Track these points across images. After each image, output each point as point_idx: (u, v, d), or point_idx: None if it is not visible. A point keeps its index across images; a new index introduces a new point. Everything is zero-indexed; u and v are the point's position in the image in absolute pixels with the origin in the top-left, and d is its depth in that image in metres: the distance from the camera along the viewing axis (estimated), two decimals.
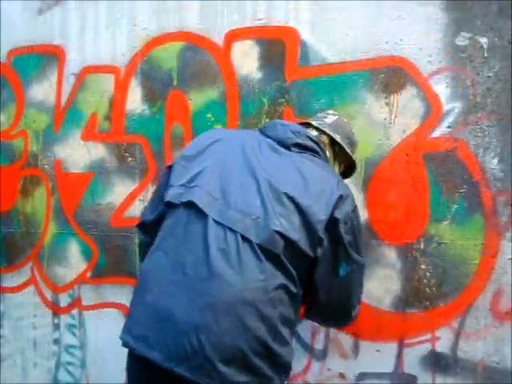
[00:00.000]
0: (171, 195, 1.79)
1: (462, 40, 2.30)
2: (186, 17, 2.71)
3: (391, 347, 2.43)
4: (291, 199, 1.67)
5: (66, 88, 2.96)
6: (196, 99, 2.71)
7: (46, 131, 2.99)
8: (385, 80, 2.40)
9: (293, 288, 1.68)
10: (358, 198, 2.44)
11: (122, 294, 2.85)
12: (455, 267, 2.33)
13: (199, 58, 2.69)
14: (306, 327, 2.55)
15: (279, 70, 2.55)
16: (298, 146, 1.83)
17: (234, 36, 2.63)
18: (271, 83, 2.57)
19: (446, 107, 2.33)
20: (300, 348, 2.56)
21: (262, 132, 1.91)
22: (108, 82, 2.87)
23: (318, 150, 1.87)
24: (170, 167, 1.91)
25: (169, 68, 2.75)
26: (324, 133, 2.00)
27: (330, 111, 2.23)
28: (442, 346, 2.36)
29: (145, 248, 1.96)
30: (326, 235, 1.69)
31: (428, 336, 2.37)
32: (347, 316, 1.94)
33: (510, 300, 2.26)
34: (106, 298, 2.89)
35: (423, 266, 2.37)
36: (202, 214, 1.69)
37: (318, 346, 2.54)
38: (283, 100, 2.55)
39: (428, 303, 2.37)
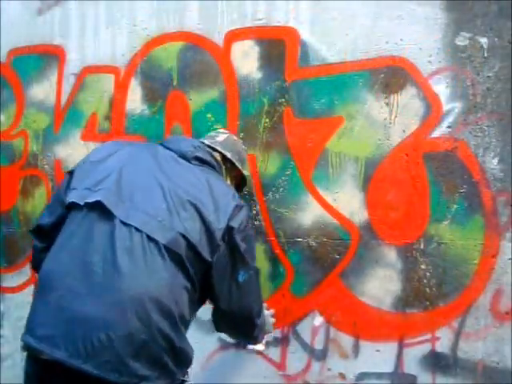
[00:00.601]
0: (75, 196, 1.84)
1: (462, 40, 2.30)
2: (186, 17, 2.72)
3: (391, 347, 2.43)
4: (194, 206, 1.80)
5: (66, 88, 2.96)
6: (196, 99, 2.71)
7: (46, 131, 3.00)
8: (385, 80, 2.40)
9: (191, 290, 1.79)
10: (358, 197, 2.45)
11: None
12: (455, 267, 2.33)
13: (199, 58, 2.69)
14: (306, 327, 2.55)
15: (279, 70, 2.55)
16: (197, 159, 1.98)
17: (233, 36, 2.63)
18: (271, 83, 2.57)
19: (446, 107, 2.33)
20: (300, 348, 2.57)
21: (164, 145, 2.03)
22: (108, 82, 2.87)
23: (215, 164, 2.04)
24: (70, 172, 1.98)
25: (169, 68, 2.75)
26: (216, 150, 2.14)
27: (221, 130, 2.40)
28: (442, 345, 2.36)
29: (39, 253, 1.98)
30: (223, 242, 1.82)
31: (428, 336, 2.37)
32: (251, 325, 2.05)
33: (510, 300, 2.26)
34: None
35: (423, 266, 2.37)
36: (107, 215, 1.75)
37: (318, 346, 2.54)
38: (283, 100, 2.55)
39: (428, 303, 2.37)
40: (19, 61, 3.07)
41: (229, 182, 2.18)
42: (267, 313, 2.38)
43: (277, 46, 2.56)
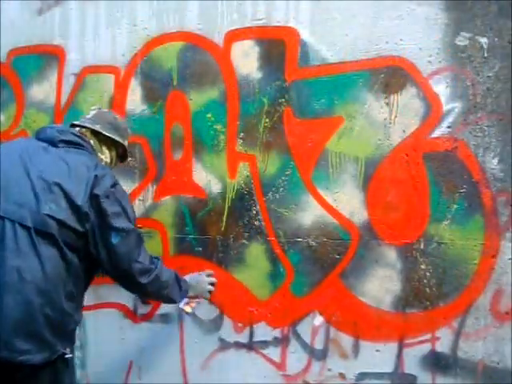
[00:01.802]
0: None
1: (462, 40, 2.30)
2: (186, 17, 2.72)
3: (391, 347, 2.43)
4: (58, 186, 2.01)
5: (66, 88, 2.96)
6: (196, 99, 2.71)
7: None
8: (385, 80, 2.40)
9: (74, 264, 2.03)
10: (358, 197, 2.45)
11: (122, 294, 2.85)
12: (455, 267, 2.33)
13: (199, 58, 2.70)
14: (306, 327, 2.55)
15: (279, 70, 2.55)
16: (63, 142, 2.16)
17: (234, 36, 2.63)
18: (271, 83, 2.57)
19: (446, 107, 2.33)
20: (300, 348, 2.57)
21: (37, 137, 2.23)
22: (108, 82, 2.87)
23: (81, 142, 2.20)
24: None
25: (169, 68, 2.75)
26: (84, 127, 2.31)
27: (93, 107, 2.51)
28: (442, 345, 2.36)
29: None
30: (92, 210, 2.03)
31: (428, 336, 2.37)
32: (137, 284, 2.17)
33: (510, 300, 2.26)
34: (106, 297, 2.89)
35: (423, 266, 2.37)
36: None
37: (318, 346, 2.54)
38: (283, 100, 2.55)
39: (428, 303, 2.37)
40: (19, 61, 3.07)
41: (106, 152, 2.35)
42: (205, 279, 2.55)
43: (277, 46, 2.56)
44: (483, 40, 2.27)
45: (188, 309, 2.53)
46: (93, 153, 2.24)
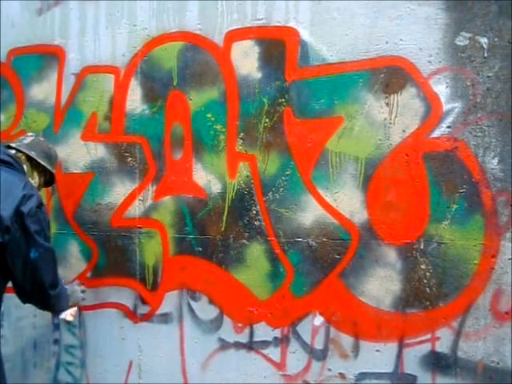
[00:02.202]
0: None
1: (461, 40, 2.30)
2: (186, 17, 2.71)
3: (391, 347, 2.43)
4: None
5: (66, 88, 2.96)
6: (196, 99, 2.71)
7: (46, 131, 2.99)
8: (385, 80, 2.40)
9: None
10: (358, 197, 2.45)
11: (122, 295, 2.85)
12: (455, 267, 2.33)
13: (199, 58, 2.69)
14: (306, 327, 2.55)
15: (279, 70, 2.55)
16: None
17: (233, 36, 2.63)
18: (271, 83, 2.57)
19: (446, 107, 2.33)
20: (300, 348, 2.57)
21: None
22: (108, 82, 2.87)
23: (13, 162, 2.44)
24: None
25: (169, 68, 2.75)
26: (20, 151, 2.54)
27: (29, 133, 2.77)
28: (442, 346, 2.36)
29: None
30: (15, 226, 2.24)
31: (428, 336, 2.37)
32: (45, 295, 2.40)
33: (510, 300, 2.26)
34: (106, 298, 2.89)
35: (423, 266, 2.37)
36: None
37: (318, 346, 2.54)
38: (283, 100, 2.55)
39: (428, 303, 2.37)
40: (19, 61, 3.07)
41: (36, 177, 2.60)
42: (77, 288, 2.86)
43: (277, 46, 2.56)
44: (483, 40, 2.27)
45: (70, 317, 2.72)
46: (23, 174, 2.47)
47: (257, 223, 2.61)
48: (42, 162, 2.59)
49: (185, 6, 2.72)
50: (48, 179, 2.69)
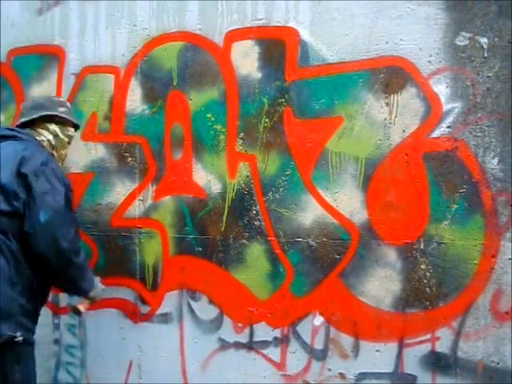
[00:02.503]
0: None
1: (461, 40, 2.30)
2: (186, 17, 2.71)
3: (391, 347, 2.43)
4: None
5: (66, 88, 2.96)
6: (196, 99, 2.71)
7: None
8: (385, 80, 2.40)
9: (8, 249, 2.13)
10: (358, 197, 2.45)
11: (122, 294, 2.85)
12: (455, 267, 2.33)
13: (199, 58, 2.69)
14: (306, 327, 2.55)
15: (279, 70, 2.55)
16: (1, 137, 2.32)
17: (233, 36, 2.63)
18: (271, 83, 2.57)
19: (446, 107, 2.33)
20: (300, 348, 2.57)
21: None
22: (108, 82, 2.87)
23: (15, 134, 2.34)
24: None
25: (169, 68, 2.75)
26: (17, 126, 2.43)
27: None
28: (442, 346, 2.36)
29: None
30: (21, 189, 2.14)
31: (428, 336, 2.37)
32: (71, 265, 2.22)
33: (510, 300, 2.26)
34: (106, 298, 2.89)
35: (423, 266, 2.37)
36: None
37: (318, 346, 2.54)
38: (283, 100, 2.55)
39: (428, 303, 2.37)
40: (19, 61, 3.07)
41: (44, 132, 2.41)
42: (100, 284, 2.52)
43: (277, 46, 2.56)
44: (483, 40, 2.27)
45: (82, 308, 2.49)
46: (29, 140, 2.33)
47: (257, 223, 2.61)
48: (32, 117, 2.39)
49: (185, 6, 2.72)
50: (62, 120, 2.45)
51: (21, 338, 2.13)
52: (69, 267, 2.23)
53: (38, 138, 2.39)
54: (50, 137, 2.42)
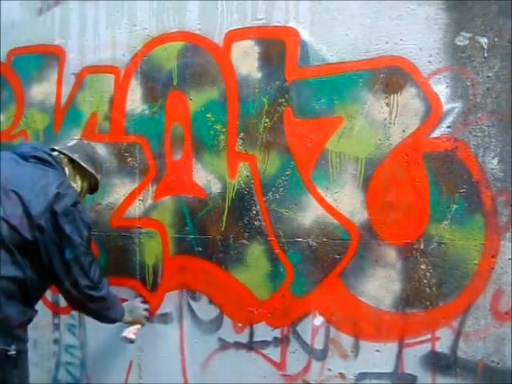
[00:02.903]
0: None
1: (461, 40, 2.30)
2: (186, 17, 2.71)
3: (391, 347, 2.43)
4: (16, 194, 2.19)
5: (66, 88, 2.96)
6: (196, 99, 2.71)
7: (46, 131, 3.00)
8: (385, 80, 2.40)
9: (22, 275, 2.17)
10: (358, 197, 2.45)
11: (122, 294, 2.85)
12: (455, 267, 2.33)
13: (199, 58, 2.69)
14: (306, 327, 2.55)
15: (279, 69, 2.55)
16: (34, 158, 2.35)
17: (234, 36, 2.63)
18: (271, 83, 2.57)
19: (446, 107, 2.33)
20: (300, 348, 2.57)
21: (14, 151, 2.41)
22: (108, 82, 2.87)
23: (51, 160, 2.37)
24: None
25: (169, 68, 2.75)
26: (62, 153, 2.48)
27: (76, 137, 2.81)
28: (442, 346, 2.36)
29: None
30: (49, 224, 2.19)
31: (428, 336, 2.37)
32: (91, 298, 2.33)
33: (510, 300, 2.26)
34: None
35: (423, 266, 2.37)
36: None
37: (318, 346, 2.54)
38: (283, 100, 2.55)
39: (428, 303, 2.37)
40: (19, 61, 3.07)
41: (79, 180, 2.52)
42: (140, 305, 2.72)
43: (277, 46, 2.56)
44: (483, 40, 2.27)
45: (131, 335, 2.63)
46: (62, 174, 2.40)
47: (257, 223, 2.61)
48: (84, 165, 2.50)
49: (185, 6, 2.72)
50: (93, 185, 2.60)
51: (14, 352, 2.16)
52: (91, 301, 2.36)
53: (72, 182, 2.46)
54: (79, 189, 2.52)
